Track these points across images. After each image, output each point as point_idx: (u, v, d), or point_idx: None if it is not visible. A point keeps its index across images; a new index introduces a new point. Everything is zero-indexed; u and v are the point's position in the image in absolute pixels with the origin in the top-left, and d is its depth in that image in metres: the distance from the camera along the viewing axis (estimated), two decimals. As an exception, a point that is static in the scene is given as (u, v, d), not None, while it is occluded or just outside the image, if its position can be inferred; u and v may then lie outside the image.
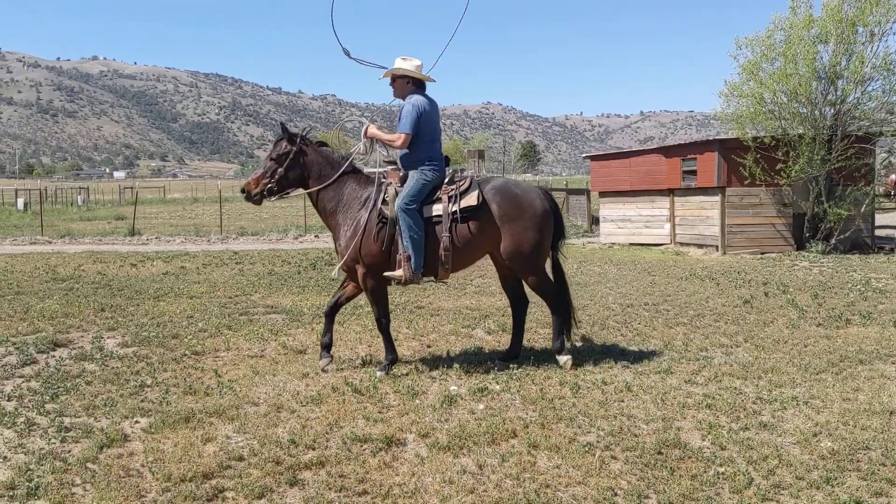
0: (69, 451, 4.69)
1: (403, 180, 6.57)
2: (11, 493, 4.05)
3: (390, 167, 6.81)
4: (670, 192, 19.85)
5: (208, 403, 5.62)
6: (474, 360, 6.93)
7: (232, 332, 8.37)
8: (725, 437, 4.87)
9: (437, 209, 6.49)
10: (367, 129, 6.76)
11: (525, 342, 7.37)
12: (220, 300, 10.80)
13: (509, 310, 9.69)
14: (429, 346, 7.63)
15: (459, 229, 6.48)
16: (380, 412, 5.42)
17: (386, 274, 6.51)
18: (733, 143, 17.78)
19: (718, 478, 4.24)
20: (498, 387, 6.04)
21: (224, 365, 6.93)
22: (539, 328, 8.51)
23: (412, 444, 4.79)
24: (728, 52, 18.45)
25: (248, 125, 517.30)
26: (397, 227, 6.40)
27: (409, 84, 6.71)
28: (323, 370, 6.61)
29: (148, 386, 6.24)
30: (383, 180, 6.66)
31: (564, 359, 6.71)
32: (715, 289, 11.73)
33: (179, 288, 12.07)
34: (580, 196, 29.57)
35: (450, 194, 6.54)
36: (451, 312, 9.54)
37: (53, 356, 7.37)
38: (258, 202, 6.73)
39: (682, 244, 19.50)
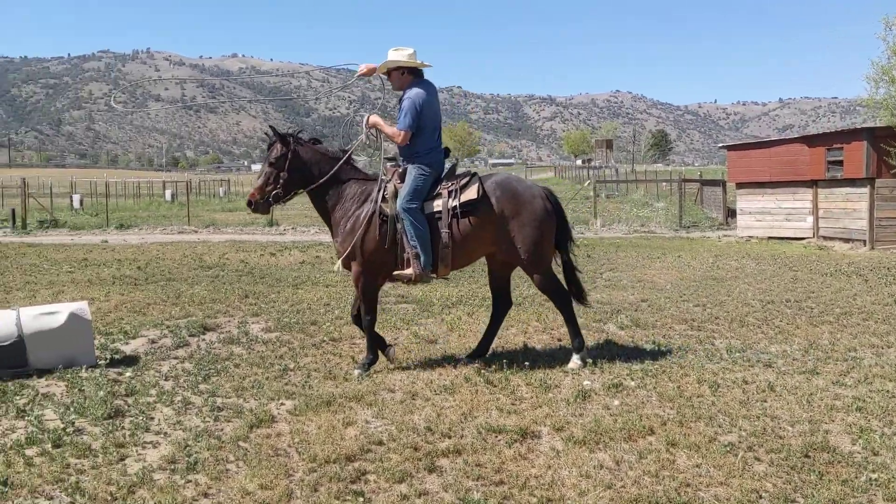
0: (222, 430, 4.99)
1: (403, 176, 6.43)
2: (173, 467, 4.35)
3: (389, 164, 6.70)
4: (813, 184, 18.83)
5: (347, 389, 5.82)
6: (607, 356, 6.83)
7: (366, 321, 8.61)
8: (878, 442, 4.60)
9: (438, 205, 6.35)
10: (368, 118, 6.64)
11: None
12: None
13: (643, 304, 9.57)
14: (559, 340, 7.59)
15: (460, 224, 6.32)
16: (513, 404, 5.45)
17: (395, 273, 6.41)
18: (883, 131, 16.66)
19: (871, 484, 4.01)
20: (633, 383, 5.94)
21: (360, 352, 7.13)
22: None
23: (547, 437, 4.79)
24: (875, 34, 17.26)
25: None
26: (400, 226, 6.29)
27: (404, 75, 6.55)
28: (391, 362, 6.60)
29: (291, 370, 6.53)
30: (383, 177, 6.53)
31: (577, 360, 6.53)
32: (863, 286, 11.05)
33: (315, 277, 12.55)
34: (715, 187, 28.54)
35: (449, 189, 6.38)
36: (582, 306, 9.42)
37: (203, 339, 7.83)
38: (266, 211, 6.65)
39: (825, 238, 18.48)
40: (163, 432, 4.96)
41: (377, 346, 6.60)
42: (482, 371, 6.24)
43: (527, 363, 6.55)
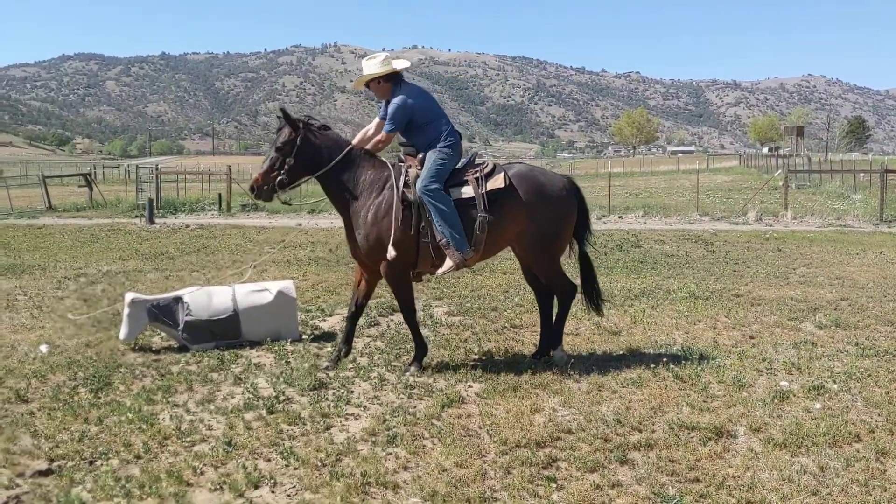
0: (415, 407, 5.23)
1: (422, 163, 6.19)
2: (374, 439, 4.63)
3: (405, 150, 6.44)
4: None
5: (532, 375, 5.91)
6: (805, 356, 6.48)
7: (547, 309, 8.66)
8: None
9: (468, 191, 6.10)
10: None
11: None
12: (533, 277, 11.20)
13: (842, 303, 8.96)
14: (751, 338, 7.27)
15: (489, 213, 6.06)
16: (704, 401, 5.31)
17: (439, 272, 6.16)
18: None
19: None
20: (836, 386, 5.60)
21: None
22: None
23: (743, 438, 4.64)
24: None
25: (550, 106, 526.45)
26: (424, 214, 6.01)
27: (381, 84, 6.33)
28: (326, 370, 6.08)
29: (475, 354, 6.71)
30: (401, 164, 6.30)
31: (560, 354, 6.32)
32: None
33: (493, 264, 12.69)
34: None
35: (475, 176, 6.14)
36: (775, 302, 8.98)
37: (392, 320, 8.20)
38: (269, 198, 6.25)
39: None
40: (362, 405, 5.28)
41: (418, 338, 6.33)
42: (670, 366, 6.11)
43: (717, 360, 6.34)
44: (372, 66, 6.30)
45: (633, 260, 12.90)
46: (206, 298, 6.99)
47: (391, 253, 5.95)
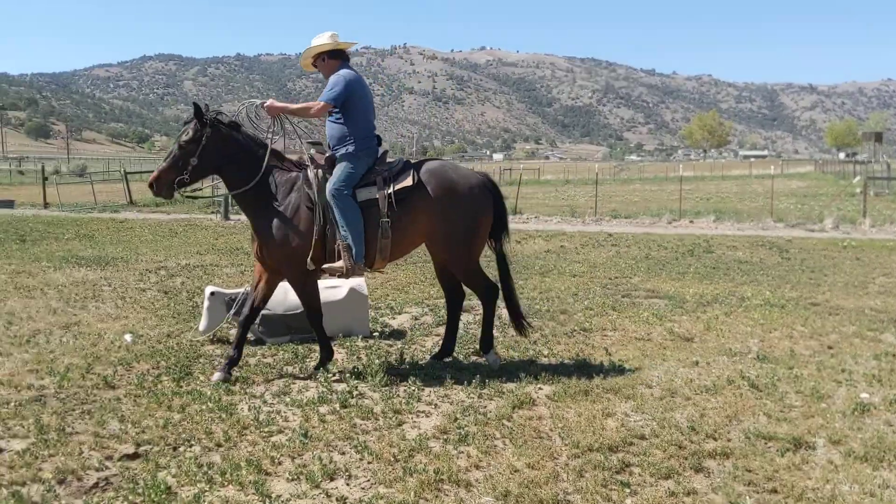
0: (486, 407, 5.27)
1: (331, 162, 5.96)
2: (445, 437, 4.68)
3: (314, 148, 6.20)
4: None
5: (603, 380, 5.87)
6: (886, 368, 6.28)
7: (617, 314, 8.59)
8: None
9: (372, 192, 5.87)
10: (267, 104, 6.02)
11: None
12: (601, 280, 11.12)
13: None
14: (829, 348, 7.07)
15: (395, 214, 5.86)
16: (781, 411, 5.20)
17: (325, 267, 5.89)
18: None
19: None
20: (920, 400, 5.41)
21: (612, 344, 7.15)
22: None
23: (822, 449, 4.52)
24: None
25: (619, 108, 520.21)
26: (329, 215, 5.81)
27: (325, 61, 6.09)
28: (214, 380, 5.79)
29: (545, 356, 6.71)
30: (308, 163, 6.04)
31: (493, 358, 6.19)
32: None
33: (562, 266, 12.67)
34: None
35: (383, 176, 5.91)
36: (853, 312, 8.71)
37: (460, 320, 8.23)
38: (169, 195, 5.89)
39: None
40: (433, 403, 5.34)
41: (323, 340, 6.18)
42: (746, 374, 5.99)
43: (794, 369, 6.20)
44: (321, 40, 6.10)
45: (705, 266, 12.66)
46: (281, 293, 7.15)
47: (310, 265, 5.83)
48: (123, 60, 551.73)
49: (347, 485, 4.05)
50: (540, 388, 5.72)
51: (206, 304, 7.10)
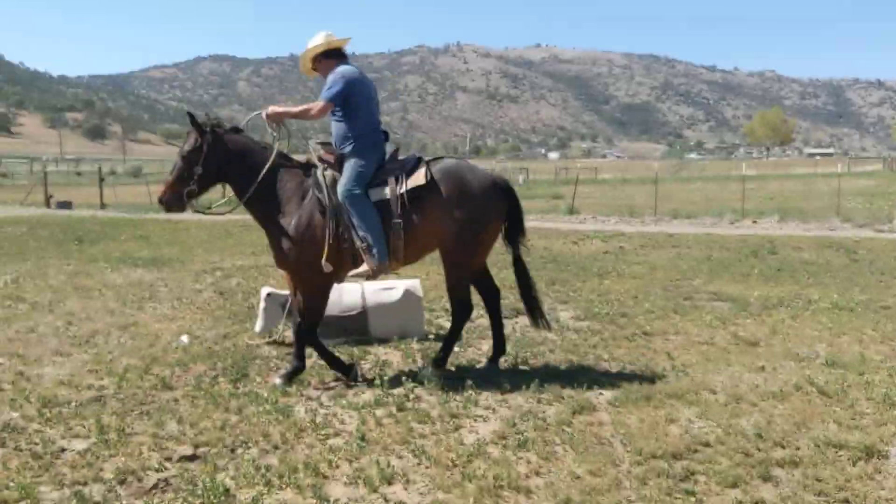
0: (545, 412, 5.17)
1: (341, 161, 5.79)
2: (504, 443, 4.61)
3: (322, 148, 5.98)
4: None
5: (665, 385, 5.72)
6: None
7: (679, 317, 8.39)
8: None
9: (384, 192, 5.70)
10: (268, 112, 5.89)
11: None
12: (662, 282, 10.88)
13: None
14: (904, 353, 6.77)
15: (408, 214, 5.68)
16: (852, 419, 4.98)
17: (352, 273, 5.77)
18: None
19: None
20: None
21: (675, 348, 6.97)
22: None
23: (895, 459, 4.32)
24: None
25: (678, 105, 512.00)
26: (343, 218, 5.64)
27: (322, 61, 5.98)
28: (272, 384, 5.77)
29: (605, 361, 6.57)
30: (317, 163, 5.88)
31: (432, 371, 5.86)
32: None
33: (621, 268, 12.45)
34: None
35: (395, 175, 5.72)
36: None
37: (517, 322, 8.16)
38: (181, 208, 5.81)
39: None
40: (490, 408, 5.27)
41: (300, 351, 5.93)
42: (814, 380, 5.77)
43: (865, 375, 5.94)
44: (315, 41, 6.02)
45: (769, 267, 12.30)
46: (336, 295, 7.16)
47: (327, 267, 5.66)
48: (178, 61, 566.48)
49: (405, 490, 4.01)
50: (600, 394, 5.60)
51: (262, 305, 7.16)
